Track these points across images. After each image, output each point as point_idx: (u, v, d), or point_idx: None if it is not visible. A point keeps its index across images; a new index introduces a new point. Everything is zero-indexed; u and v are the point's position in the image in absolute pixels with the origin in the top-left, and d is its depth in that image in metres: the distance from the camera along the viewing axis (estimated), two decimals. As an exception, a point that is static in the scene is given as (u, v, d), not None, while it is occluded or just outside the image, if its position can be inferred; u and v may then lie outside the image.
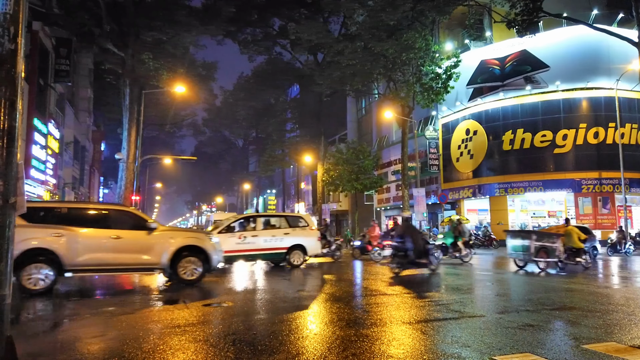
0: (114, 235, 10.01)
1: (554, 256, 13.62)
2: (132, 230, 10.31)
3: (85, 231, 9.84)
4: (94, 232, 9.96)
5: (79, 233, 9.76)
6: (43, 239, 9.36)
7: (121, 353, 4.90)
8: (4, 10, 3.94)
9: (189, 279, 10.54)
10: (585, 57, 27.71)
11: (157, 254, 10.31)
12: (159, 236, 10.50)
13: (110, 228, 10.14)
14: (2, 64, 3.92)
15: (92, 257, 9.74)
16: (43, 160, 23.23)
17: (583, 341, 5.36)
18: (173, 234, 10.96)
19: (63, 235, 9.51)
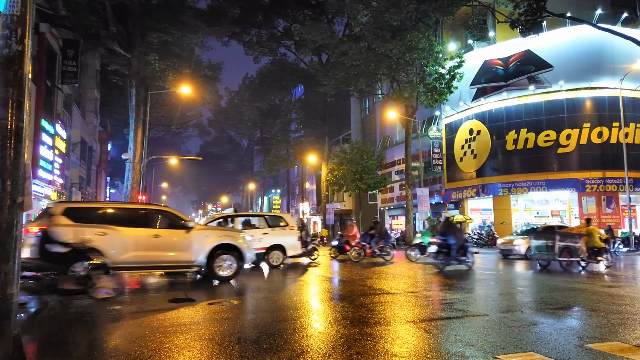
0: (153, 234, 10.33)
1: (577, 256, 13.94)
2: (171, 229, 10.64)
3: (127, 230, 10.13)
4: (135, 231, 10.24)
5: (121, 232, 10.05)
6: (88, 237, 9.63)
7: (128, 352, 4.95)
8: (11, 12, 3.99)
9: (225, 276, 10.94)
10: (589, 57, 27.60)
11: (195, 252, 10.65)
12: (195, 235, 10.82)
13: (150, 227, 10.46)
14: (9, 65, 3.97)
15: (134, 255, 10.06)
16: (50, 161, 23.40)
17: (587, 340, 5.37)
18: (208, 233, 11.32)
19: (107, 235, 9.85)
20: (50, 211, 9.98)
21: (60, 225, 9.51)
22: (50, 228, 8.96)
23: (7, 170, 3.89)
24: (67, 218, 9.87)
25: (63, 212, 9.96)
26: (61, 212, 9.95)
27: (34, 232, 9.40)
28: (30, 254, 8.97)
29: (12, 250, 3.89)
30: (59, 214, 9.88)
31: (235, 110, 54.24)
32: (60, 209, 10.07)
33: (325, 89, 34.40)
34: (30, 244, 9.14)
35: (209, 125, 65.47)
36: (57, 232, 8.44)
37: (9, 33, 3.97)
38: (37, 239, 8.53)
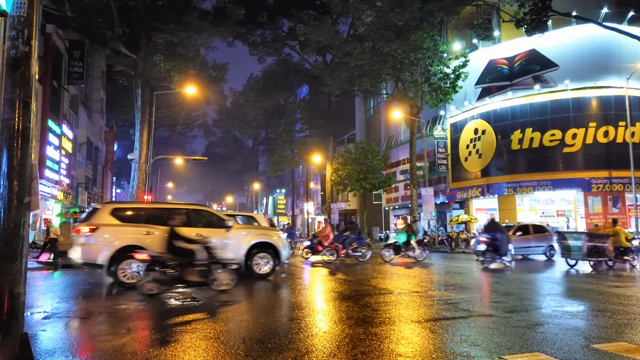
0: (195, 233, 10.29)
1: (605, 256, 14.26)
2: (211, 228, 10.81)
3: None
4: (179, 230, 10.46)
5: (165, 231, 10.04)
6: (135, 237, 10.08)
7: (134, 351, 4.97)
8: (18, 13, 4.02)
9: (262, 274, 11.27)
10: (595, 56, 27.43)
11: (234, 251, 10.97)
12: (234, 233, 11.15)
13: (192, 226, 10.56)
14: (16, 66, 3.99)
15: None
16: (57, 161, 23.54)
17: (593, 341, 5.35)
18: (246, 231, 11.71)
19: (152, 234, 10.10)
20: (98, 211, 10.45)
21: (108, 225, 10.09)
22: (100, 227, 9.78)
23: (14, 170, 3.91)
24: (113, 217, 10.28)
25: (110, 212, 10.42)
26: (109, 212, 10.41)
27: (84, 232, 9.99)
28: (81, 253, 9.86)
29: (19, 250, 3.92)
30: (106, 214, 10.30)
31: (240, 111, 54.35)
32: (107, 209, 10.56)
33: (330, 89, 34.42)
34: (81, 243, 9.89)
35: (214, 126, 65.64)
36: (181, 229, 9.03)
37: (15, 34, 3.99)
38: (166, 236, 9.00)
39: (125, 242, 9.95)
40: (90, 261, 10.04)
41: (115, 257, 9.78)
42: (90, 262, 10.05)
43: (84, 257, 10.00)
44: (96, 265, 10.05)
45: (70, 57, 25.73)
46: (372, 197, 40.70)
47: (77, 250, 10.01)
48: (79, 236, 10.06)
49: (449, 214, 32.21)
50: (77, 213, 23.24)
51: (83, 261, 10.14)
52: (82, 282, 11.29)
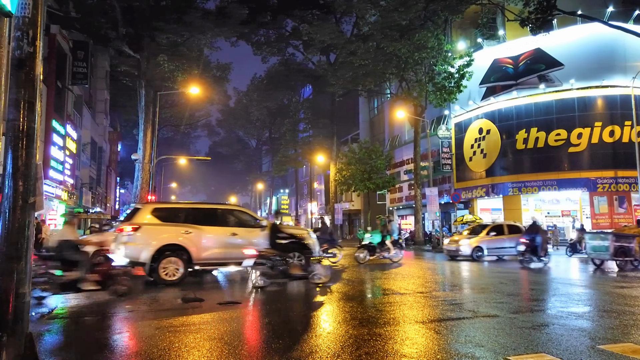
0: (231, 232, 11.02)
1: (631, 255, 14.38)
2: (245, 228, 11.30)
3: (208, 229, 10.87)
4: (215, 229, 10.97)
5: (203, 231, 10.77)
6: (175, 236, 10.50)
7: (139, 351, 4.97)
8: (22, 14, 4.02)
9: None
10: (601, 55, 27.29)
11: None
12: (267, 232, 11.27)
13: (228, 226, 11.14)
14: (21, 66, 4.00)
15: (214, 252, 10.81)
16: (61, 161, 23.62)
17: (599, 341, 5.31)
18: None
19: (191, 233, 10.58)
20: (139, 211, 10.87)
21: (149, 224, 10.51)
22: (142, 226, 10.25)
23: (19, 171, 3.92)
24: (154, 217, 10.69)
25: (151, 211, 10.85)
26: (149, 211, 10.85)
27: (128, 232, 10.40)
28: (124, 252, 10.20)
29: (24, 250, 3.92)
30: (147, 214, 10.73)
31: (244, 111, 54.44)
32: (148, 208, 11.00)
33: (334, 89, 34.39)
34: (124, 242, 10.27)
35: (218, 126, 65.78)
36: (282, 226, 10.29)
37: (20, 35, 4.00)
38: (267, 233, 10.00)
39: (166, 241, 10.37)
40: (133, 259, 10.34)
41: (157, 256, 10.18)
42: (133, 260, 10.34)
43: (127, 255, 10.30)
44: (138, 263, 10.35)
45: (74, 58, 25.80)
46: (376, 197, 40.64)
47: (120, 248, 10.31)
48: (122, 235, 10.40)
49: (454, 214, 32.13)
50: (80, 213, 23.30)
51: (126, 259, 10.39)
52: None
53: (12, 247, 3.86)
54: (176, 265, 10.32)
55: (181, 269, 10.34)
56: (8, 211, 3.88)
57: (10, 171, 3.90)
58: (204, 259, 10.68)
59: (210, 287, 10.62)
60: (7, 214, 3.87)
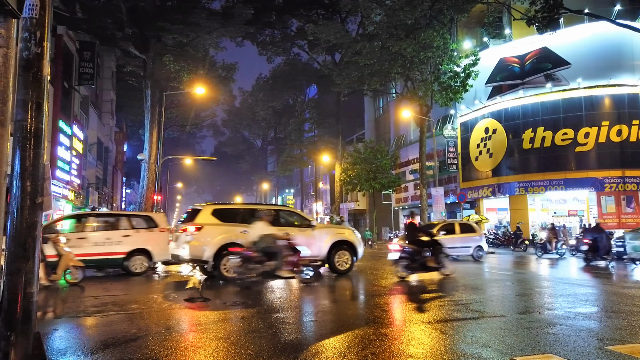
0: (285, 232, 11.27)
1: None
2: (297, 228, 11.98)
3: None
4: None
5: (259, 229, 11.10)
6: (234, 235, 11.12)
7: (144, 351, 5.00)
8: (30, 15, 4.04)
9: (342, 270, 12.21)
10: (608, 54, 27.12)
11: (318, 248, 12.05)
12: (317, 232, 12.22)
13: (281, 225, 11.65)
14: (29, 67, 4.01)
15: None
16: (68, 161, 23.78)
17: (607, 342, 5.28)
18: (327, 231, 12.68)
19: (247, 232, 10.83)
20: (200, 211, 11.46)
21: (210, 224, 11.13)
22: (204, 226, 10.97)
23: (26, 171, 3.94)
24: (214, 217, 11.31)
25: (211, 212, 11.47)
26: (210, 212, 11.46)
27: (191, 231, 11.03)
28: (188, 250, 10.85)
29: (32, 250, 3.94)
30: (208, 214, 11.35)
31: (249, 111, 54.51)
32: (209, 209, 11.58)
33: (339, 89, 34.38)
34: (188, 241, 10.92)
35: (223, 126, 65.91)
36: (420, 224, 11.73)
37: (28, 36, 4.02)
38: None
39: (226, 240, 10.98)
40: (197, 257, 10.97)
41: (218, 253, 10.80)
42: (197, 258, 10.97)
43: (192, 253, 10.91)
44: (202, 261, 10.99)
45: (81, 58, 25.95)
46: (382, 197, 40.59)
47: (185, 247, 10.93)
48: (186, 235, 11.02)
49: (460, 214, 32.03)
50: (88, 213, 23.38)
51: (190, 257, 11.00)
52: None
53: (20, 247, 3.88)
54: (237, 262, 10.80)
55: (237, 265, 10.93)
56: (16, 211, 3.90)
57: (18, 171, 3.92)
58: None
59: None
60: (15, 214, 3.89)
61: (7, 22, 3.77)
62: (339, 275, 12.08)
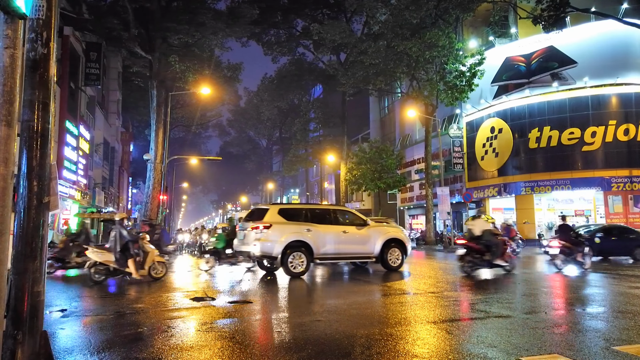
0: (343, 230, 12.48)
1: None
2: (353, 226, 12.74)
3: (325, 227, 12.32)
4: (330, 228, 12.40)
5: (321, 229, 12.21)
6: (300, 233, 11.94)
7: (150, 350, 5.02)
8: (36, 16, 4.07)
9: (394, 266, 12.91)
10: (615, 52, 26.94)
11: (372, 246, 12.75)
12: (371, 231, 12.89)
13: (339, 224, 12.61)
14: (35, 68, 4.04)
15: (331, 247, 12.22)
16: (74, 161, 23.91)
17: (614, 342, 5.24)
18: (380, 229, 13.30)
19: (311, 231, 12.04)
20: (268, 211, 12.22)
21: (278, 223, 11.91)
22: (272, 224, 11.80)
23: (33, 171, 3.96)
24: (280, 216, 12.09)
25: (278, 211, 12.25)
26: (276, 211, 12.23)
27: (262, 230, 11.73)
28: (260, 247, 11.63)
29: (39, 249, 3.97)
30: (275, 213, 12.13)
31: (255, 111, 54.59)
32: (275, 209, 12.38)
33: (344, 88, 34.36)
34: (259, 239, 11.69)
35: (229, 126, 66.04)
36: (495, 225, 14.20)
37: (34, 36, 4.04)
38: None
39: (293, 238, 11.79)
40: (267, 254, 11.74)
41: (284, 251, 11.59)
42: (267, 254, 11.76)
43: (262, 250, 11.70)
44: (272, 257, 11.78)
45: (87, 59, 26.08)
46: (387, 197, 40.53)
47: (256, 244, 11.74)
48: (257, 233, 11.80)
49: (465, 214, 31.94)
50: (94, 213, 23.54)
51: (261, 253, 11.78)
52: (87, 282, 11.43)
53: (27, 246, 3.91)
54: (301, 259, 11.69)
55: (305, 262, 11.71)
56: (23, 211, 3.92)
57: (24, 171, 3.95)
58: (322, 254, 12.10)
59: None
60: (22, 214, 3.92)
61: (14, 23, 3.79)
62: (390, 271, 12.78)
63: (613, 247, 17.92)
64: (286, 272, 11.65)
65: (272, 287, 10.47)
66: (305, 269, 11.71)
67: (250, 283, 11.03)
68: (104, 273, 10.84)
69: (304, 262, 11.69)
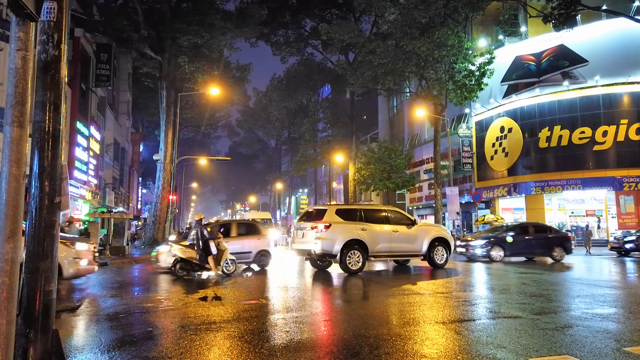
0: (394, 229, 13.14)
1: None
2: (403, 226, 13.42)
3: (377, 226, 12.98)
4: (382, 227, 13.05)
5: (374, 228, 12.85)
6: (356, 232, 12.56)
7: (160, 349, 5.05)
8: (48, 18, 4.12)
9: (440, 264, 13.60)
10: (627, 51, 26.65)
11: (420, 244, 13.49)
12: (419, 230, 13.64)
13: (390, 224, 13.26)
14: (47, 69, 4.09)
15: (383, 246, 12.86)
16: (85, 162, 24.13)
17: (625, 344, 5.19)
18: (427, 229, 14.10)
19: (366, 230, 12.69)
20: (327, 211, 12.83)
21: (336, 223, 12.54)
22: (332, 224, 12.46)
23: (45, 171, 4.01)
24: (338, 216, 12.69)
25: (335, 212, 12.87)
26: (334, 211, 12.85)
27: (322, 229, 12.36)
28: (321, 245, 12.20)
29: (51, 249, 4.01)
30: (333, 213, 12.74)
31: (264, 111, 54.75)
32: (333, 209, 13.04)
33: (353, 88, 34.32)
34: (320, 237, 12.28)
35: (238, 126, 66.27)
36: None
37: (46, 38, 4.09)
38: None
39: (350, 237, 12.38)
40: (327, 252, 12.31)
41: (343, 249, 12.18)
42: (327, 252, 12.32)
43: (323, 248, 12.28)
44: (331, 255, 12.34)
45: (98, 60, 26.30)
46: (396, 197, 40.43)
47: (317, 243, 12.33)
48: (317, 232, 12.41)
49: (475, 214, 31.76)
50: (104, 213, 23.75)
51: (322, 252, 12.31)
52: (107, 280, 11.53)
53: (39, 245, 3.96)
54: (357, 257, 12.29)
55: (361, 260, 12.32)
56: (35, 211, 3.97)
57: (36, 172, 4.00)
58: (376, 251, 12.71)
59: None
60: (34, 214, 3.97)
61: (26, 25, 3.84)
62: (436, 268, 13.48)
63: (526, 247, 17.62)
64: (344, 270, 12.24)
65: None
66: (361, 267, 12.31)
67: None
68: (187, 269, 11.83)
69: (360, 260, 12.28)
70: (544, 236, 17.88)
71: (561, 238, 17.99)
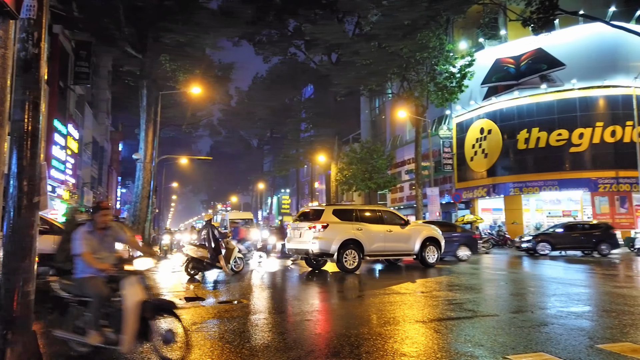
0: (388, 229, 13.32)
1: None
2: (397, 226, 13.61)
3: (372, 226, 13.14)
4: (377, 227, 13.21)
5: (369, 228, 13.03)
6: (353, 232, 12.75)
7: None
8: (27, 16, 4.06)
9: (431, 262, 13.89)
10: (603, 55, 27.29)
11: (412, 243, 13.72)
12: (412, 230, 13.86)
13: (385, 224, 13.39)
14: (26, 68, 4.04)
15: (378, 245, 13.04)
16: (63, 161, 23.70)
17: (598, 341, 5.34)
18: (419, 228, 14.34)
19: (362, 230, 12.88)
20: (324, 211, 12.99)
21: (334, 222, 12.68)
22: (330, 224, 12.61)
23: (24, 171, 3.96)
24: (334, 216, 12.86)
25: (332, 212, 13.03)
26: (331, 212, 13.02)
27: (319, 229, 12.49)
28: (318, 245, 12.33)
29: (29, 249, 3.97)
30: (330, 213, 12.90)
31: (246, 110, 54.42)
32: (330, 209, 13.18)
33: (336, 89, 34.38)
34: (317, 237, 12.40)
35: (220, 125, 65.73)
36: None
37: (25, 36, 4.04)
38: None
39: (346, 236, 12.58)
40: (324, 251, 12.48)
41: (340, 248, 12.35)
42: (325, 252, 12.49)
43: (321, 248, 12.46)
44: (328, 254, 12.51)
45: (77, 58, 25.84)
46: (377, 197, 40.66)
47: (315, 242, 12.49)
48: (314, 232, 12.56)
49: (455, 214, 32.16)
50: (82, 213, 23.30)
51: (320, 251, 12.48)
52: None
53: (18, 245, 3.91)
54: (354, 256, 12.49)
55: (357, 259, 12.53)
56: (13, 210, 3.92)
57: (15, 171, 3.95)
58: (371, 250, 12.89)
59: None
60: (13, 214, 3.92)
61: (5, 23, 3.80)
62: (428, 267, 13.76)
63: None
64: (340, 269, 12.46)
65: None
66: (357, 266, 12.53)
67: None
68: (199, 268, 12.08)
69: (356, 259, 12.52)
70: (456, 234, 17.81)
71: (467, 237, 17.94)
